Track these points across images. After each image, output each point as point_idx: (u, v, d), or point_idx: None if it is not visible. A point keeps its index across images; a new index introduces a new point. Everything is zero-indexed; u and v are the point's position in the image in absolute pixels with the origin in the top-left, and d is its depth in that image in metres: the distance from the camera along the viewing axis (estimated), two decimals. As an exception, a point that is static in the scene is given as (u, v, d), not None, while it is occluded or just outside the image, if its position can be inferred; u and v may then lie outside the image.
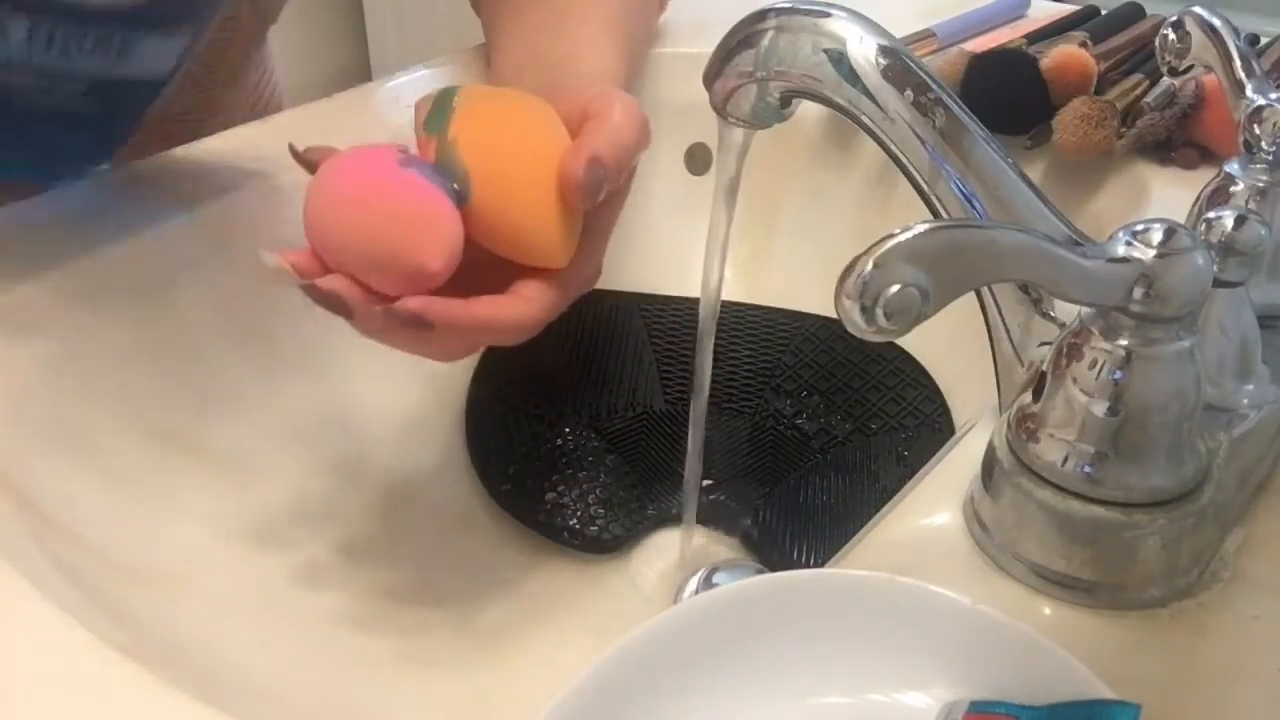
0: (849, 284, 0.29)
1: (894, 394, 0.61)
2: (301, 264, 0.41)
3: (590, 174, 0.41)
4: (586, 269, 0.45)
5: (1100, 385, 0.35)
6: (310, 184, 0.42)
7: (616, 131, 0.43)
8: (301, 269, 0.41)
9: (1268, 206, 0.42)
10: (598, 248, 0.46)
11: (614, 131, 0.43)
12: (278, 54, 0.80)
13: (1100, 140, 0.58)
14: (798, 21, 0.40)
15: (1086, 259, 0.33)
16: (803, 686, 0.34)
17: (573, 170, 0.41)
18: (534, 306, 0.42)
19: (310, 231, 0.42)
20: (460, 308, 0.41)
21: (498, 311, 0.41)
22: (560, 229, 0.43)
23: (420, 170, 0.41)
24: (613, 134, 0.43)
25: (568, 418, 0.60)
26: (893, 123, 0.39)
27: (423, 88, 0.66)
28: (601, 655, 0.32)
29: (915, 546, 0.39)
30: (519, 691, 0.49)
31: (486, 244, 0.43)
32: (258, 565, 0.49)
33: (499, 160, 0.42)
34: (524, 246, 0.43)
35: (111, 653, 0.34)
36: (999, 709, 0.32)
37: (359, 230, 0.40)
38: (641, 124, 0.45)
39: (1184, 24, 0.46)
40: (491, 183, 0.42)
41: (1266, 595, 0.37)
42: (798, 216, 0.68)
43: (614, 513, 0.56)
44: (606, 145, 0.42)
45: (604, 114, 0.44)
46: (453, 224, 0.41)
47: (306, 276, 0.41)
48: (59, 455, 0.45)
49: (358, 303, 0.40)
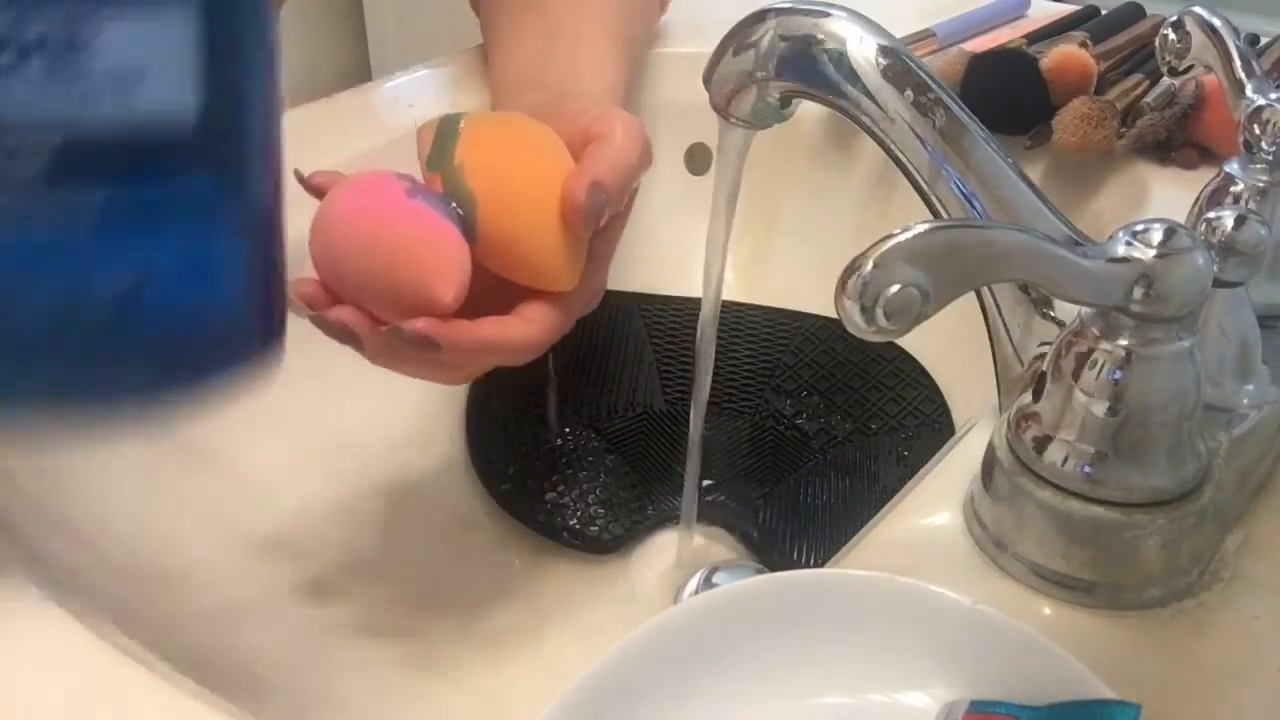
0: (849, 284, 0.29)
1: (894, 394, 0.61)
2: (310, 294, 0.41)
3: (592, 199, 0.42)
4: (590, 288, 0.46)
5: (1100, 385, 0.35)
6: (317, 214, 0.42)
7: (618, 154, 0.43)
8: (310, 299, 0.41)
9: (1268, 206, 0.42)
10: (601, 268, 0.46)
11: (615, 155, 0.43)
12: (278, 54, 0.80)
13: (1100, 140, 0.58)
14: (798, 21, 0.40)
15: (1086, 259, 0.33)
16: (803, 686, 0.34)
17: (575, 195, 0.41)
18: (539, 328, 0.43)
19: (318, 262, 0.42)
20: (466, 329, 0.41)
21: (503, 333, 0.42)
22: (567, 252, 0.43)
23: (427, 200, 0.41)
24: (614, 157, 0.43)
25: (568, 418, 0.60)
26: (893, 123, 0.39)
27: (423, 88, 0.66)
28: (601, 656, 0.32)
29: (915, 546, 0.39)
30: (519, 691, 0.49)
31: (494, 269, 0.43)
32: (257, 564, 0.49)
33: (505, 185, 0.43)
34: (532, 270, 0.43)
35: (112, 653, 0.34)
36: (999, 709, 0.32)
37: (369, 263, 0.41)
38: (643, 144, 0.45)
39: (1184, 24, 0.46)
40: (498, 208, 0.42)
41: (1266, 595, 0.37)
42: (798, 216, 0.68)
43: (614, 513, 0.56)
44: (608, 169, 0.43)
45: (606, 136, 0.44)
46: (462, 255, 0.41)
47: (315, 307, 0.41)
48: (60, 455, 0.45)
49: (366, 333, 0.41)
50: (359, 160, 0.58)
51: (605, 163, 0.43)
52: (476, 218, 0.42)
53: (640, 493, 0.58)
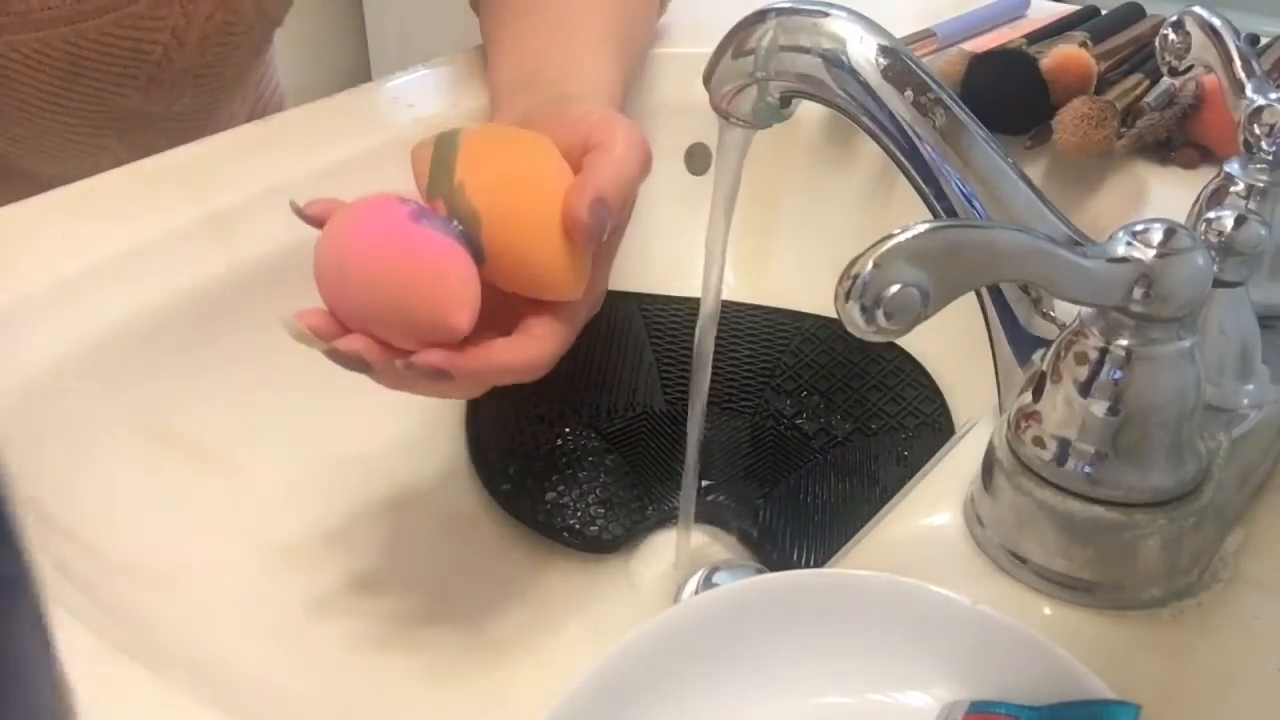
0: (849, 284, 0.29)
1: (894, 394, 0.61)
2: (318, 326, 0.42)
3: (596, 215, 0.42)
4: (593, 295, 0.46)
5: (1100, 385, 0.35)
6: (319, 243, 0.42)
7: (618, 166, 0.43)
8: (319, 331, 0.42)
9: (1268, 206, 0.42)
10: (602, 274, 0.47)
11: (616, 166, 0.43)
12: (278, 54, 0.80)
13: (1100, 140, 0.58)
14: (798, 22, 0.40)
15: (1086, 259, 0.33)
16: (803, 686, 0.34)
17: (578, 212, 0.42)
18: (549, 344, 0.43)
19: (325, 292, 0.42)
20: (479, 357, 0.41)
21: (513, 356, 0.42)
22: (573, 263, 0.43)
23: (432, 225, 0.41)
24: (615, 169, 0.43)
25: (568, 418, 0.60)
26: (893, 123, 0.39)
27: (423, 88, 0.66)
28: (602, 655, 0.32)
29: (915, 546, 0.39)
30: (519, 691, 0.49)
31: (500, 284, 0.43)
32: (257, 564, 0.49)
33: (507, 202, 0.43)
34: (538, 283, 0.43)
35: (111, 652, 0.34)
36: (999, 709, 0.32)
37: (380, 294, 0.41)
38: (643, 153, 0.45)
39: (1184, 24, 0.46)
40: (502, 225, 0.42)
41: (1266, 595, 0.37)
42: (798, 216, 0.68)
43: (614, 513, 0.56)
44: (609, 182, 0.43)
45: (606, 145, 0.44)
46: (472, 278, 0.41)
47: (324, 337, 0.42)
48: (60, 455, 0.45)
49: (378, 361, 0.41)
50: (359, 160, 0.58)
51: (606, 176, 0.43)
52: (482, 236, 0.42)
53: (640, 493, 0.58)
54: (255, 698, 0.44)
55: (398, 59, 2.21)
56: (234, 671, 0.44)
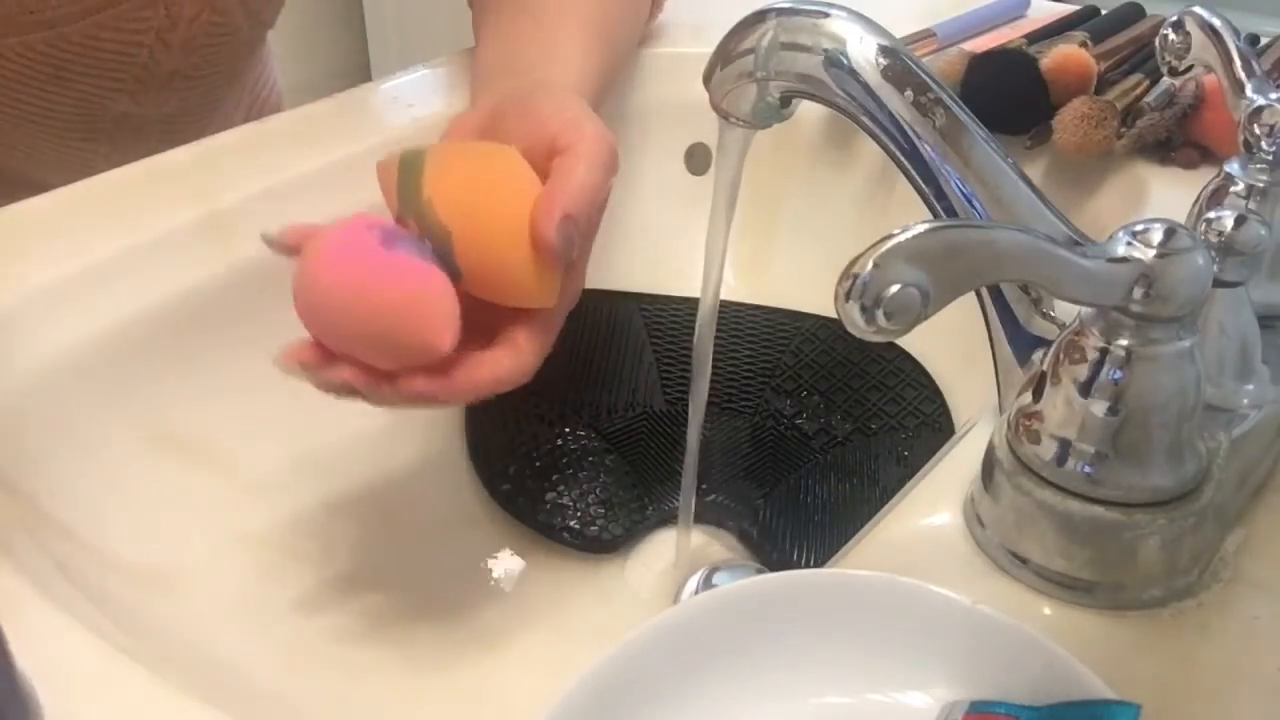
0: (849, 284, 0.29)
1: (894, 394, 0.61)
2: (306, 359, 0.43)
3: (563, 234, 0.42)
4: (569, 294, 0.46)
5: (1100, 385, 0.35)
6: (297, 275, 0.42)
7: (585, 177, 0.43)
8: (307, 364, 0.43)
9: (1268, 206, 0.42)
10: (579, 272, 0.47)
11: (582, 178, 0.43)
12: (277, 54, 0.80)
13: (1100, 140, 0.58)
14: (798, 21, 0.40)
15: (1086, 259, 0.33)
16: (803, 686, 0.34)
17: (546, 234, 0.42)
18: (528, 354, 0.44)
19: (308, 323, 0.42)
20: (463, 378, 0.42)
21: (496, 371, 0.43)
22: (545, 272, 0.43)
23: (407, 248, 0.41)
24: (580, 181, 0.43)
25: (568, 418, 0.60)
26: (893, 123, 0.39)
27: (423, 87, 0.66)
28: (602, 655, 0.32)
29: (915, 546, 0.39)
30: (519, 691, 0.49)
31: (477, 294, 0.44)
32: (256, 564, 0.49)
33: (477, 215, 0.43)
34: (513, 294, 0.44)
35: (112, 653, 0.34)
36: (999, 709, 0.32)
37: (361, 325, 0.41)
38: (610, 155, 0.45)
39: (1184, 24, 0.46)
40: (473, 238, 0.43)
41: (1266, 595, 0.37)
42: (798, 216, 0.68)
43: (614, 513, 0.56)
44: (576, 196, 0.43)
45: (573, 150, 0.44)
46: (450, 298, 0.42)
47: (313, 369, 0.42)
48: (60, 455, 0.45)
49: (366, 387, 0.42)
50: (358, 160, 0.58)
51: (573, 188, 0.43)
52: (454, 251, 0.42)
53: (640, 493, 0.58)
54: (255, 697, 0.44)
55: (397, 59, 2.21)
56: (234, 670, 0.44)
